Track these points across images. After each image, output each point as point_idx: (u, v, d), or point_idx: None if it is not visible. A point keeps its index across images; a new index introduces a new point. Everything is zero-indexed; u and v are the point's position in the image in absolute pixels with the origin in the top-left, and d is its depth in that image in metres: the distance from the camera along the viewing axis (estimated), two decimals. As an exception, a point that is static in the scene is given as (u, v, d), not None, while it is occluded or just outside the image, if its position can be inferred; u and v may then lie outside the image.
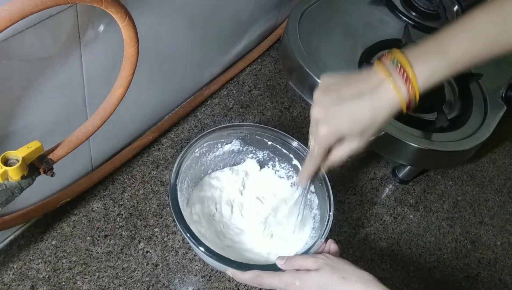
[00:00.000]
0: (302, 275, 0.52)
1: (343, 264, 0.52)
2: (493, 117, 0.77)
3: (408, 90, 0.48)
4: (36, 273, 0.62)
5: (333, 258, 0.53)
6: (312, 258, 0.53)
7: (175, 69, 0.75)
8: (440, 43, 0.48)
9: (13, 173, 0.45)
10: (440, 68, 0.48)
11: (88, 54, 0.53)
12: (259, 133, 0.69)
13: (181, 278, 0.65)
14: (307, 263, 0.53)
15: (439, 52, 0.48)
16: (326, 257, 0.53)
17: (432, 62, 0.48)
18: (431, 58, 0.48)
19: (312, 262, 0.53)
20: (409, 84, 0.47)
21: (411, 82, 0.47)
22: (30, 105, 0.51)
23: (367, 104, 0.49)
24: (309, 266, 0.53)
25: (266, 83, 0.92)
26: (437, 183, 0.86)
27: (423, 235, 0.78)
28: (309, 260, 0.53)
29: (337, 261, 0.53)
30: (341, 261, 0.53)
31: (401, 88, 0.47)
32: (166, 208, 0.71)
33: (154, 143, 0.78)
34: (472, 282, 0.76)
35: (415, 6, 0.91)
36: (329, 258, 0.53)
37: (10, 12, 0.35)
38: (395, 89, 0.48)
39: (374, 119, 0.50)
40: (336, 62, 0.79)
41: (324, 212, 0.62)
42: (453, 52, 0.48)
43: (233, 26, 0.83)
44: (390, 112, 0.49)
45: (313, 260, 0.53)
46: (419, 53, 0.48)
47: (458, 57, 0.48)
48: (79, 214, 0.68)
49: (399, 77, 0.47)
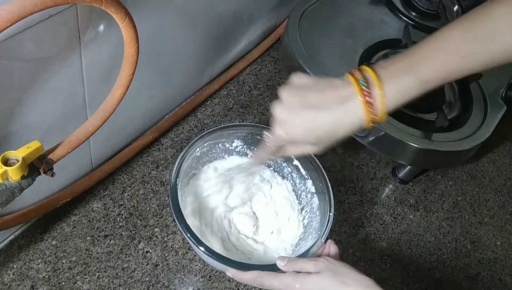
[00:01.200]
0: (302, 277, 0.52)
1: (343, 268, 0.52)
2: (493, 117, 0.77)
3: (377, 109, 0.47)
4: (36, 273, 0.62)
5: (333, 261, 0.53)
6: (313, 261, 0.53)
7: (175, 69, 0.75)
8: (412, 61, 0.47)
9: (13, 173, 0.45)
10: (411, 87, 0.47)
11: (88, 54, 0.53)
12: (259, 133, 0.69)
13: (181, 278, 0.65)
14: (307, 266, 0.53)
15: (410, 71, 0.47)
16: (327, 260, 0.53)
17: (403, 81, 0.47)
18: (403, 77, 0.47)
19: (312, 265, 0.53)
20: (378, 103, 0.47)
21: (380, 101, 0.47)
22: (30, 105, 0.51)
23: (329, 118, 0.48)
24: (309, 269, 0.53)
25: (266, 83, 0.92)
26: (437, 183, 0.86)
27: (423, 235, 0.78)
28: (310, 263, 0.53)
29: (337, 264, 0.53)
30: (341, 264, 0.53)
31: (370, 106, 0.47)
32: (166, 208, 0.71)
33: (154, 143, 0.78)
34: (472, 282, 0.76)
35: (415, 6, 0.91)
36: (330, 261, 0.53)
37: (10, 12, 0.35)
38: (363, 106, 0.47)
39: (334, 132, 0.49)
40: (336, 62, 0.79)
41: (324, 213, 0.62)
42: (425, 70, 0.47)
43: (233, 26, 0.83)
44: (352, 128, 0.49)
45: (314, 263, 0.53)
46: (390, 72, 0.48)
47: (431, 76, 0.47)
48: (79, 214, 0.68)
49: (369, 94, 0.47)
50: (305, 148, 0.53)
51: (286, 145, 0.54)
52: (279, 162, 0.72)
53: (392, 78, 0.47)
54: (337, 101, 0.48)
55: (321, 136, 0.49)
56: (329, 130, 0.49)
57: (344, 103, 0.48)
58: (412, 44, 0.81)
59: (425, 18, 0.90)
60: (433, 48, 0.47)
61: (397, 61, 0.48)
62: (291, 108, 0.49)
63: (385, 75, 0.47)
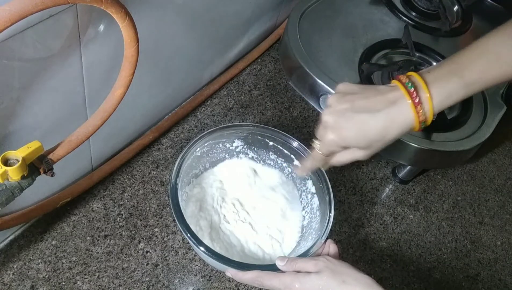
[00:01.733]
0: (302, 277, 0.52)
1: (343, 267, 0.52)
2: (493, 117, 0.77)
3: (424, 110, 0.49)
4: (36, 273, 0.62)
5: (333, 260, 0.53)
6: (313, 260, 0.53)
7: (175, 69, 0.75)
8: (456, 65, 0.49)
9: (13, 173, 0.45)
10: (455, 90, 0.49)
11: (88, 54, 0.53)
12: (260, 133, 0.69)
13: (181, 278, 0.65)
14: (307, 266, 0.53)
15: (455, 74, 0.49)
16: (327, 259, 0.53)
17: (448, 84, 0.49)
18: (447, 81, 0.49)
19: (312, 265, 0.53)
20: (426, 105, 0.48)
21: (428, 103, 0.48)
22: (30, 105, 0.51)
23: (379, 120, 0.49)
24: (309, 269, 0.53)
25: (266, 83, 0.92)
26: (437, 183, 0.86)
27: (423, 235, 0.78)
28: (310, 262, 0.53)
29: (337, 263, 0.53)
30: (341, 263, 0.53)
31: (418, 108, 0.48)
32: (166, 208, 0.71)
33: (154, 143, 0.78)
34: (472, 282, 0.76)
35: (415, 6, 0.91)
36: (329, 260, 0.53)
37: (10, 12, 0.35)
38: (412, 108, 0.49)
39: (384, 135, 0.50)
40: (336, 62, 0.79)
41: (325, 213, 0.62)
42: (468, 75, 0.48)
43: (233, 26, 0.83)
44: (402, 130, 0.50)
45: (314, 263, 0.53)
46: (436, 76, 0.49)
47: (474, 80, 0.49)
48: (79, 214, 0.68)
49: (417, 97, 0.48)
50: (355, 153, 0.54)
51: (336, 151, 0.55)
52: (279, 162, 0.72)
53: (438, 81, 0.49)
54: (385, 104, 0.50)
55: (372, 139, 0.51)
56: (380, 132, 0.50)
57: (392, 106, 0.49)
58: (412, 44, 0.81)
59: (425, 18, 0.90)
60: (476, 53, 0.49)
61: (442, 65, 0.50)
62: (341, 113, 0.51)
63: (431, 79, 0.49)
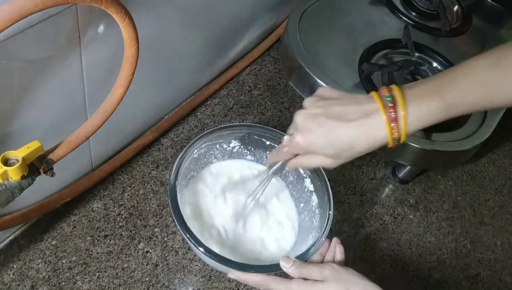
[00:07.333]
0: (309, 286, 0.52)
1: (348, 275, 0.52)
2: (493, 117, 0.77)
3: (399, 128, 0.47)
4: (36, 273, 0.62)
5: (339, 268, 0.53)
6: (318, 268, 0.53)
7: (175, 69, 0.75)
8: (438, 85, 0.48)
9: (13, 173, 0.45)
10: (434, 110, 0.47)
11: (88, 54, 0.53)
12: (258, 133, 0.69)
13: (181, 278, 0.65)
14: (313, 273, 0.53)
15: (436, 93, 0.47)
16: (332, 267, 0.53)
17: (428, 103, 0.47)
18: (428, 99, 0.47)
19: (317, 273, 0.53)
20: (401, 122, 0.47)
21: (402, 120, 0.47)
22: (30, 105, 0.51)
23: (349, 130, 0.48)
24: (314, 277, 0.53)
25: (266, 83, 0.92)
26: (437, 183, 0.86)
27: (423, 235, 0.78)
28: (315, 270, 0.53)
29: (343, 271, 0.53)
30: (347, 271, 0.53)
31: (392, 124, 0.47)
32: (166, 208, 0.71)
33: (154, 143, 0.78)
34: (472, 282, 0.76)
35: (415, 6, 0.91)
36: (335, 268, 0.53)
37: (10, 12, 0.35)
38: (386, 124, 0.47)
39: (352, 146, 0.49)
40: (336, 62, 0.79)
41: (324, 211, 0.62)
42: (449, 95, 0.47)
43: (233, 26, 0.83)
44: (373, 144, 0.49)
45: (319, 271, 0.53)
46: (417, 92, 0.48)
47: (455, 101, 0.47)
48: (79, 214, 0.68)
49: (392, 112, 0.47)
50: (321, 160, 0.52)
51: (303, 154, 0.54)
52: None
53: (418, 98, 0.47)
54: (359, 115, 0.48)
55: (340, 148, 0.49)
56: (348, 142, 0.49)
57: (365, 118, 0.48)
58: (412, 44, 0.81)
59: (425, 18, 0.90)
60: (459, 74, 0.48)
61: (426, 82, 0.49)
62: (314, 116, 0.50)
63: (411, 95, 0.48)
